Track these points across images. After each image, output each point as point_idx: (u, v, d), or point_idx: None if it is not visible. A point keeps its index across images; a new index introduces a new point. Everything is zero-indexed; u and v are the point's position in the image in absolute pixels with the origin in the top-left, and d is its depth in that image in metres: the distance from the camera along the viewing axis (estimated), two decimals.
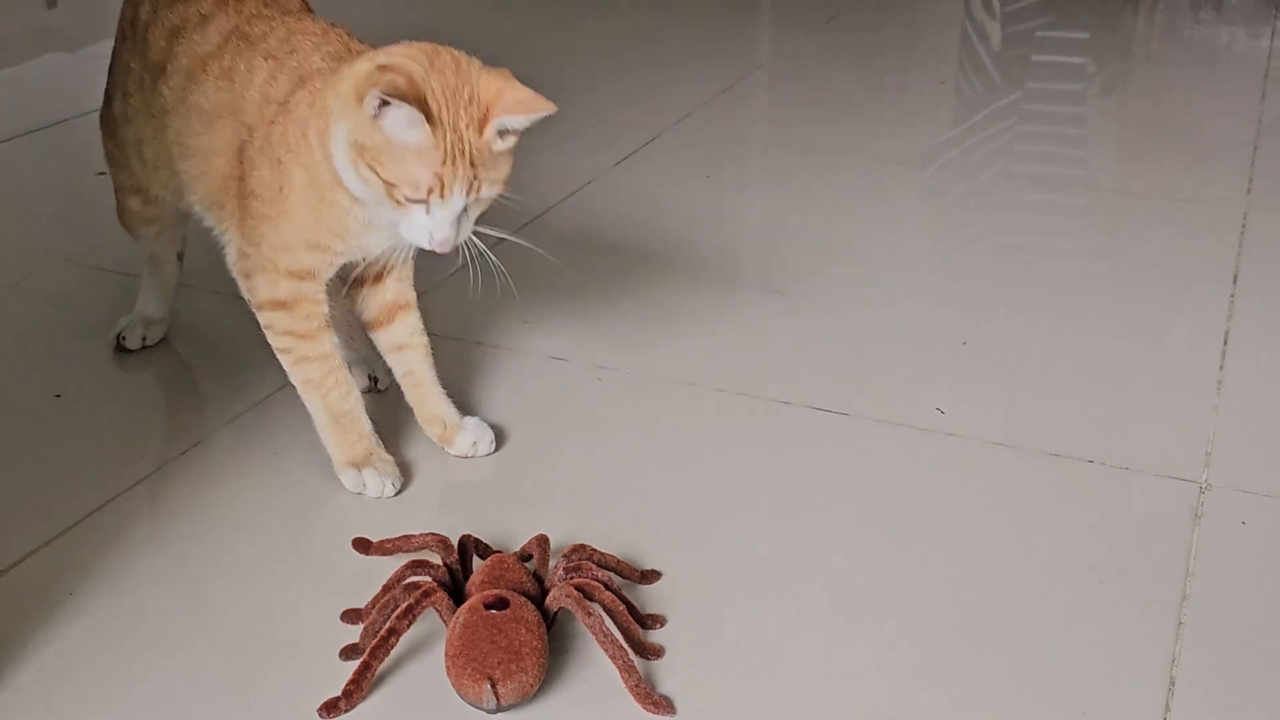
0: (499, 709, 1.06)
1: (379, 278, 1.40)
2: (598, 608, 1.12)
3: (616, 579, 1.20)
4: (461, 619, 1.10)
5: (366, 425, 1.36)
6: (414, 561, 1.17)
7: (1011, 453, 1.46)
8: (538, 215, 2.03)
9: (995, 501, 1.38)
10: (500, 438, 1.45)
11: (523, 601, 1.11)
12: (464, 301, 1.64)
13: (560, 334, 1.68)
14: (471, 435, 1.42)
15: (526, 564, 1.20)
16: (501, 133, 1.20)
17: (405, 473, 1.38)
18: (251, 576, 1.23)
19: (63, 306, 1.73)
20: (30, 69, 2.78)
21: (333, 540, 1.28)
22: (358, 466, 1.35)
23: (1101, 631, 1.19)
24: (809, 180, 2.27)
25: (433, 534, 1.21)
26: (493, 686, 1.05)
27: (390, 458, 1.37)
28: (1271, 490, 1.40)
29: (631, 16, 3.30)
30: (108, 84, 1.51)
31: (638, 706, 1.08)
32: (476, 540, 1.23)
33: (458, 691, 1.07)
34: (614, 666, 1.09)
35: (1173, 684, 1.13)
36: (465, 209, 1.21)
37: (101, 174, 2.03)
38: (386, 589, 1.16)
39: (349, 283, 1.40)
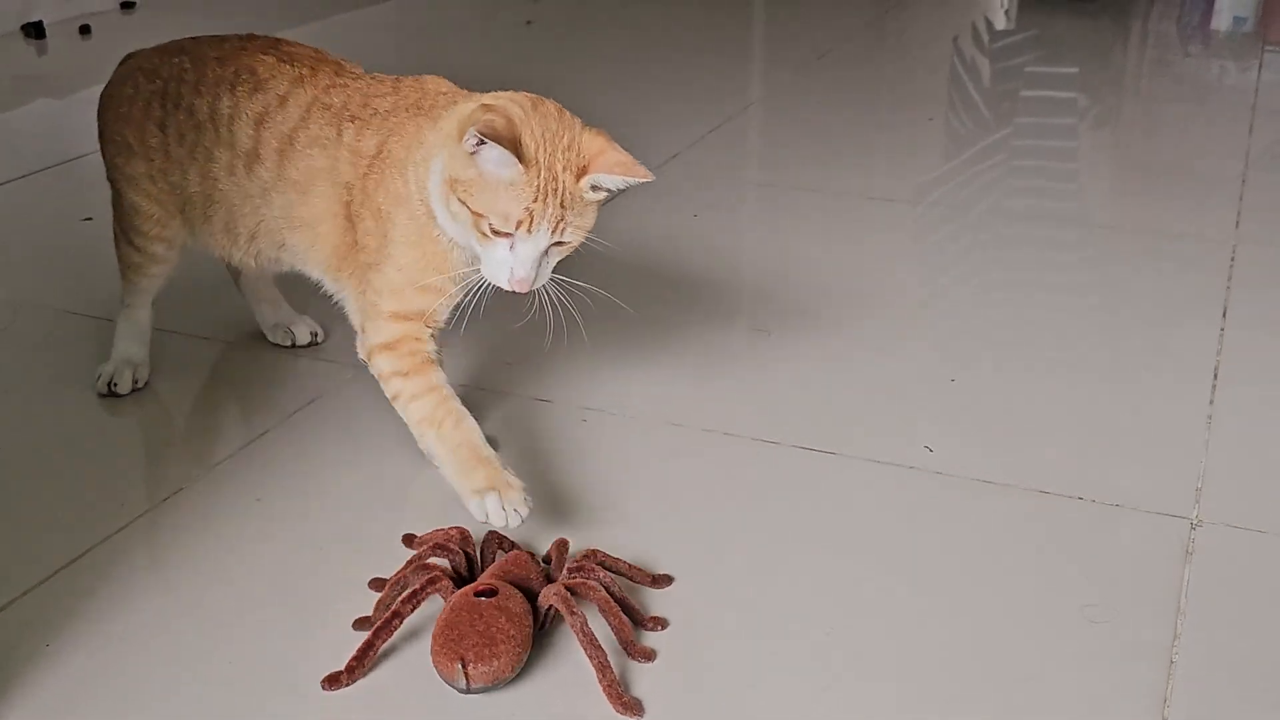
0: (469, 690, 1.10)
1: None
2: (592, 607, 1.17)
3: (625, 582, 1.24)
4: (452, 602, 1.15)
5: (485, 450, 1.31)
6: (435, 544, 1.23)
7: (1001, 490, 1.45)
8: None
9: (984, 539, 1.36)
10: None
11: (511, 592, 1.16)
12: (446, 345, 1.63)
13: (544, 375, 1.67)
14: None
15: (548, 565, 1.26)
16: (595, 187, 1.26)
17: (403, 504, 1.37)
18: (231, 628, 1.21)
19: (44, 353, 1.72)
20: (20, 115, 2.79)
21: (315, 591, 1.26)
22: (481, 494, 1.28)
23: (1092, 670, 1.17)
24: (798, 218, 2.26)
25: (456, 527, 1.25)
26: (463, 667, 1.09)
27: (517, 481, 1.29)
28: (1263, 526, 1.39)
29: (619, 57, 3.31)
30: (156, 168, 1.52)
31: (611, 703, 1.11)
32: (502, 537, 1.26)
33: (435, 669, 1.12)
34: (591, 665, 1.12)
35: None
36: (546, 251, 1.26)
37: (87, 219, 2.04)
38: (406, 564, 1.22)
39: None
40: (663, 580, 1.27)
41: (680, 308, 1.88)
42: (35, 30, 3.31)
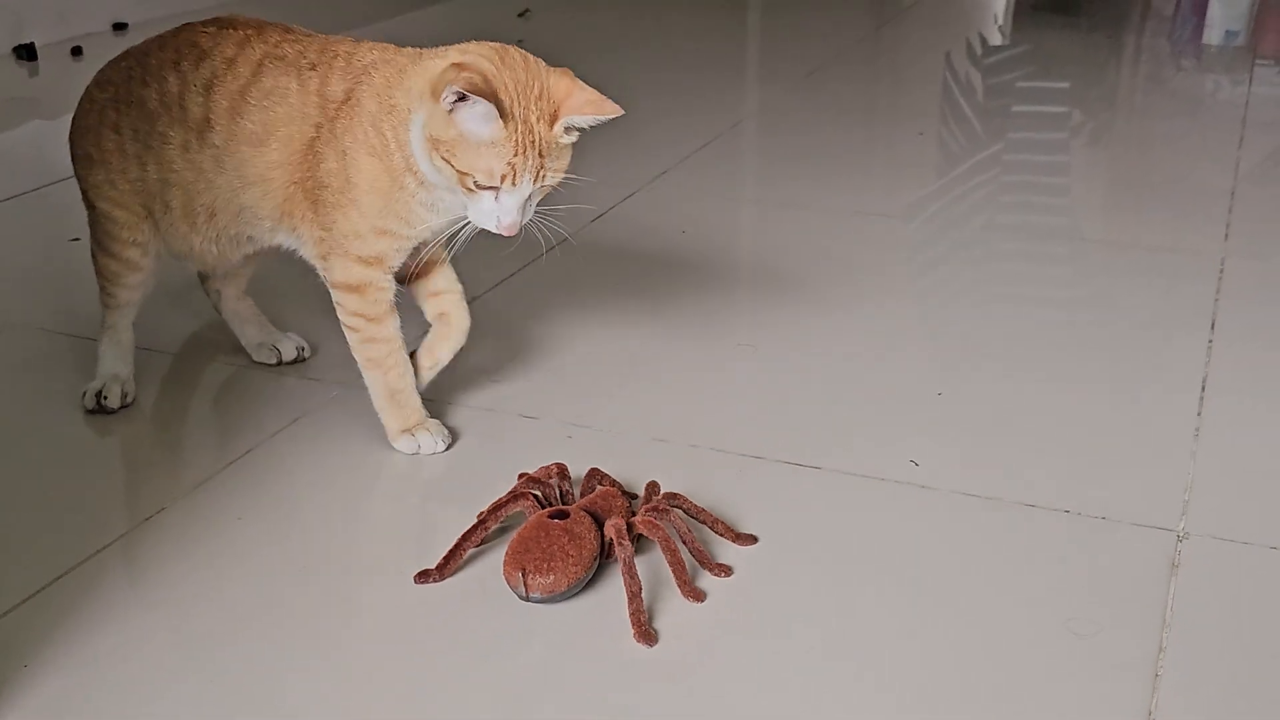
0: (527, 598, 1.23)
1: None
2: (672, 536, 1.28)
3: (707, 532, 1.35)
4: (528, 520, 1.28)
5: (417, 400, 1.52)
6: (531, 478, 1.35)
7: (986, 504, 1.44)
8: (514, 272, 2.02)
9: (970, 553, 1.36)
10: (467, 497, 1.43)
11: (582, 518, 1.27)
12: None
13: (530, 391, 1.67)
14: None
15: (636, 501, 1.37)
16: (567, 129, 1.33)
17: (385, 524, 1.36)
18: (211, 648, 1.20)
19: (28, 372, 1.71)
20: (11, 137, 2.79)
21: (296, 611, 1.25)
22: (411, 431, 1.50)
23: (1077, 683, 1.17)
24: (787, 234, 2.26)
25: (556, 464, 1.38)
26: (523, 576, 1.22)
27: (439, 421, 1.53)
28: (1250, 538, 1.38)
29: (609, 74, 3.31)
30: (111, 155, 1.53)
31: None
32: (602, 474, 1.38)
33: (504, 576, 1.25)
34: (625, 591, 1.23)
35: None
36: (530, 195, 1.33)
37: (75, 240, 2.04)
38: (508, 492, 1.34)
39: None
40: (746, 539, 1.36)
41: (666, 323, 1.88)
42: (27, 52, 3.31)
